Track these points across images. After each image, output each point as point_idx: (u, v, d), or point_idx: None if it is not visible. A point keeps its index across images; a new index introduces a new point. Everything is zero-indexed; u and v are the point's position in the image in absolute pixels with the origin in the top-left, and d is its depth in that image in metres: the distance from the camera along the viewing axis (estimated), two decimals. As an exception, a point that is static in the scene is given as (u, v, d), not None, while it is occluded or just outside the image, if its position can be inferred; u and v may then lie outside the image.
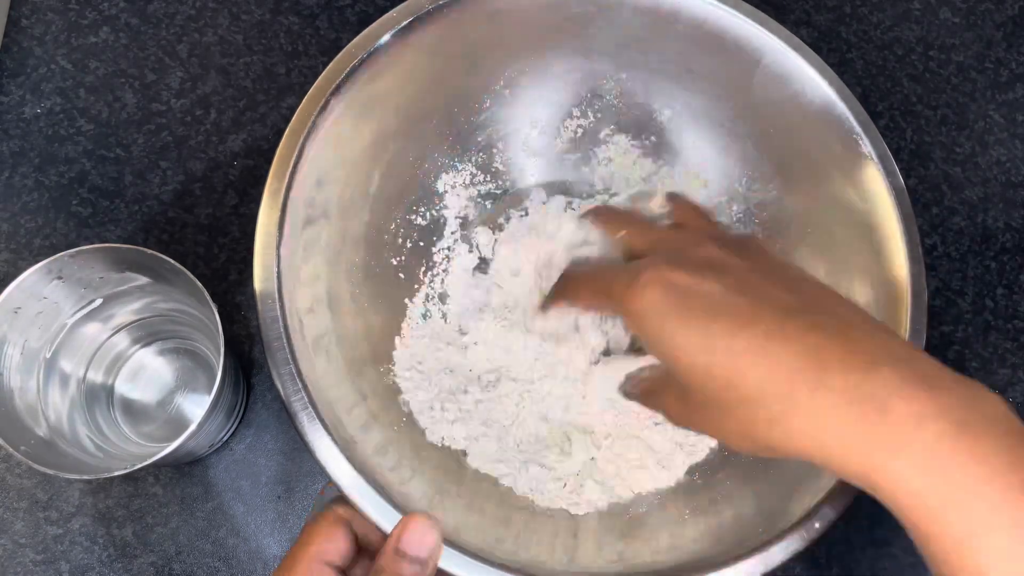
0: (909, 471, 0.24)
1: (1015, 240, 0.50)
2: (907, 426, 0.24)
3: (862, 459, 0.25)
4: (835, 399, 0.26)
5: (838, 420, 0.26)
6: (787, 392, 0.26)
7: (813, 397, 0.26)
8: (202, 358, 0.43)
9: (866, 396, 0.25)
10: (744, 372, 0.27)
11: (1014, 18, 0.55)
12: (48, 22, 0.49)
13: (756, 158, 0.44)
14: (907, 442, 0.24)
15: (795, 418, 0.26)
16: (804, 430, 0.26)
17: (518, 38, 0.43)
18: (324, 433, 0.34)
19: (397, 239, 0.44)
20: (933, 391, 0.25)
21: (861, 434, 0.25)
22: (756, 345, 0.27)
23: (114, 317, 0.40)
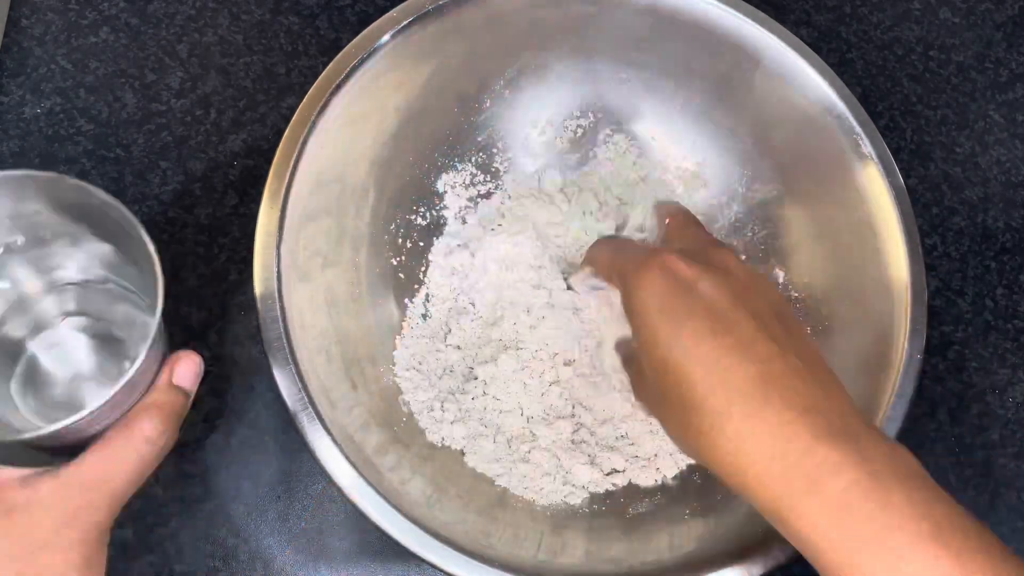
0: (821, 514, 0.25)
1: (1015, 240, 0.50)
2: (825, 471, 0.25)
3: (776, 496, 0.26)
4: (764, 430, 0.27)
5: (761, 451, 0.27)
6: (723, 411, 0.27)
7: (744, 423, 0.27)
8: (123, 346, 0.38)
9: (793, 436, 0.26)
10: (693, 378, 0.28)
11: (1014, 18, 0.55)
12: (48, 22, 0.49)
13: (756, 158, 0.44)
14: (822, 486, 0.25)
15: (722, 438, 0.27)
16: (728, 451, 0.27)
17: (518, 38, 0.43)
18: (324, 433, 0.34)
19: (397, 239, 0.44)
20: (856, 443, 0.26)
21: (779, 471, 0.26)
22: (713, 357, 0.28)
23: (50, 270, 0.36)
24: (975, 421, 0.47)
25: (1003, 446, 0.46)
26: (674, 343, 0.29)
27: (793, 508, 0.26)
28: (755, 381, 0.28)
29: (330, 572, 0.41)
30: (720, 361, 0.28)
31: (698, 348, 0.28)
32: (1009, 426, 0.47)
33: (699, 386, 0.28)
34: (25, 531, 0.26)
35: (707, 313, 0.29)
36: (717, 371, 0.28)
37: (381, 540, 0.41)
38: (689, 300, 0.29)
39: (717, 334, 0.28)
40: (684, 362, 0.28)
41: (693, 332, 0.29)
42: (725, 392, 0.28)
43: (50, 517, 0.27)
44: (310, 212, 0.38)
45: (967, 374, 0.47)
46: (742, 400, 0.27)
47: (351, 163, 0.41)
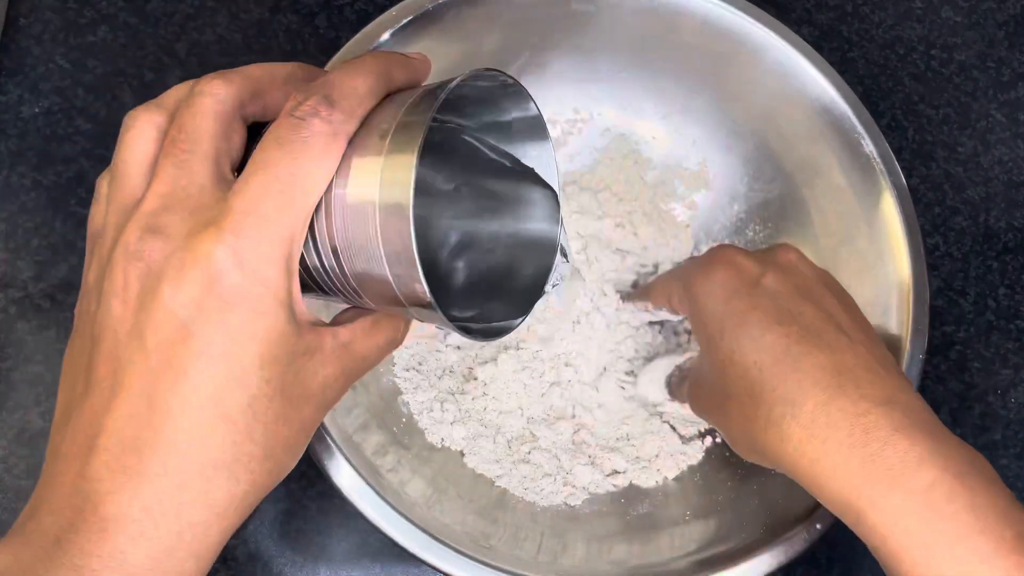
0: (902, 510, 0.24)
1: (1017, 240, 0.50)
2: (907, 465, 0.25)
3: (853, 487, 0.25)
4: (840, 419, 0.26)
5: (837, 440, 0.26)
6: (795, 398, 0.26)
7: (819, 410, 0.26)
8: None
9: (872, 427, 0.25)
10: (761, 366, 0.27)
11: (1016, 17, 0.55)
12: (46, 21, 0.49)
13: (757, 158, 0.44)
14: (905, 480, 0.24)
15: (795, 425, 0.26)
16: (801, 440, 0.26)
17: (518, 38, 0.43)
18: (324, 434, 0.34)
19: (397, 239, 0.44)
20: (936, 440, 0.25)
21: (858, 460, 0.25)
22: (783, 345, 0.27)
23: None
24: (977, 422, 0.47)
25: (1005, 447, 0.46)
26: (741, 333, 0.28)
27: (874, 502, 0.25)
28: (828, 370, 0.27)
29: (330, 572, 0.41)
30: (790, 349, 0.27)
31: (765, 337, 0.28)
32: (1011, 427, 0.47)
33: (768, 375, 0.27)
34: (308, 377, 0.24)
35: (773, 304, 0.29)
36: (787, 359, 0.27)
37: (381, 541, 0.41)
38: (754, 292, 0.29)
39: (784, 322, 0.28)
40: (751, 351, 0.28)
41: (759, 322, 0.28)
42: (797, 380, 0.27)
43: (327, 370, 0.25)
44: (309, 212, 0.38)
45: (969, 374, 0.47)
46: (816, 388, 0.26)
47: (350, 162, 0.40)
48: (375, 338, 0.26)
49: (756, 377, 0.27)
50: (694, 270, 0.32)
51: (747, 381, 0.28)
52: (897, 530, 0.24)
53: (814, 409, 0.26)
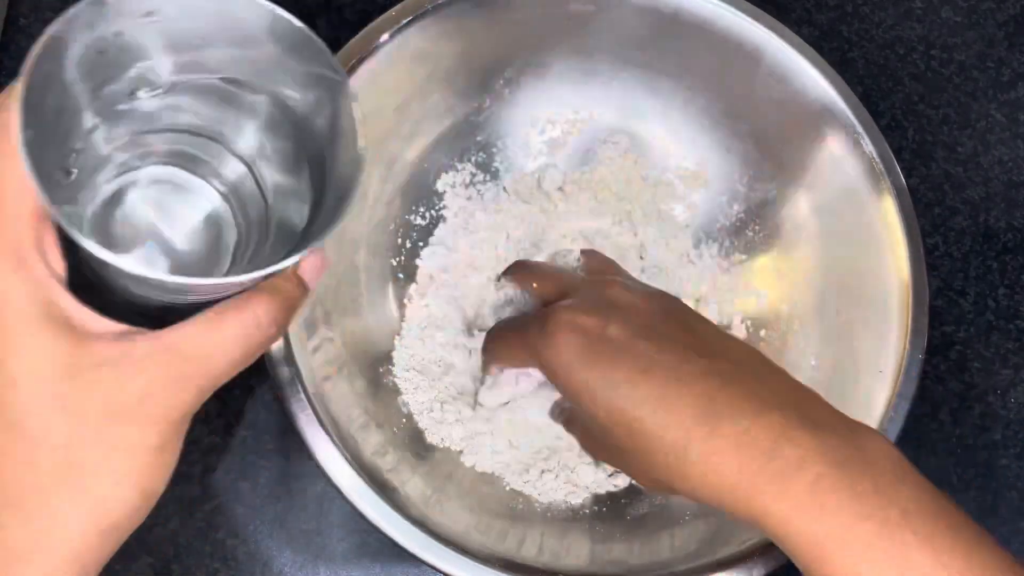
0: (792, 512, 0.25)
1: (1017, 240, 0.50)
2: (790, 469, 0.26)
3: (750, 502, 0.26)
4: (725, 445, 0.27)
5: (728, 466, 0.27)
6: (682, 440, 0.28)
7: (705, 444, 0.27)
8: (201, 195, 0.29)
9: (753, 441, 0.26)
10: (643, 421, 0.28)
11: (1016, 17, 0.55)
12: (47, 21, 0.49)
13: (757, 157, 0.44)
14: (790, 484, 0.25)
15: (688, 466, 0.28)
16: (698, 476, 0.27)
17: (518, 38, 0.43)
18: (324, 433, 0.34)
19: (396, 239, 0.44)
20: (817, 433, 0.26)
21: (748, 478, 0.26)
22: (655, 394, 0.28)
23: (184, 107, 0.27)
24: (977, 422, 0.47)
25: (1005, 447, 0.46)
26: (612, 394, 0.29)
27: (767, 512, 0.26)
28: (701, 402, 0.28)
29: (330, 572, 0.41)
30: (662, 395, 0.28)
31: (636, 392, 0.29)
32: (1011, 427, 0.47)
33: (651, 427, 0.28)
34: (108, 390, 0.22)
35: (628, 355, 0.29)
36: (663, 406, 0.28)
37: (381, 540, 0.41)
38: (607, 349, 0.30)
39: (646, 371, 0.29)
40: (630, 409, 0.29)
41: (625, 379, 0.29)
42: (678, 422, 0.28)
43: (138, 380, 0.22)
44: (309, 212, 0.38)
45: (969, 374, 0.47)
46: (696, 424, 0.27)
47: (350, 163, 0.41)
48: (217, 334, 0.23)
49: (640, 431, 0.28)
50: (539, 344, 0.31)
51: (634, 437, 0.29)
52: (792, 532, 0.26)
53: (701, 445, 0.27)
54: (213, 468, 0.42)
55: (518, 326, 0.36)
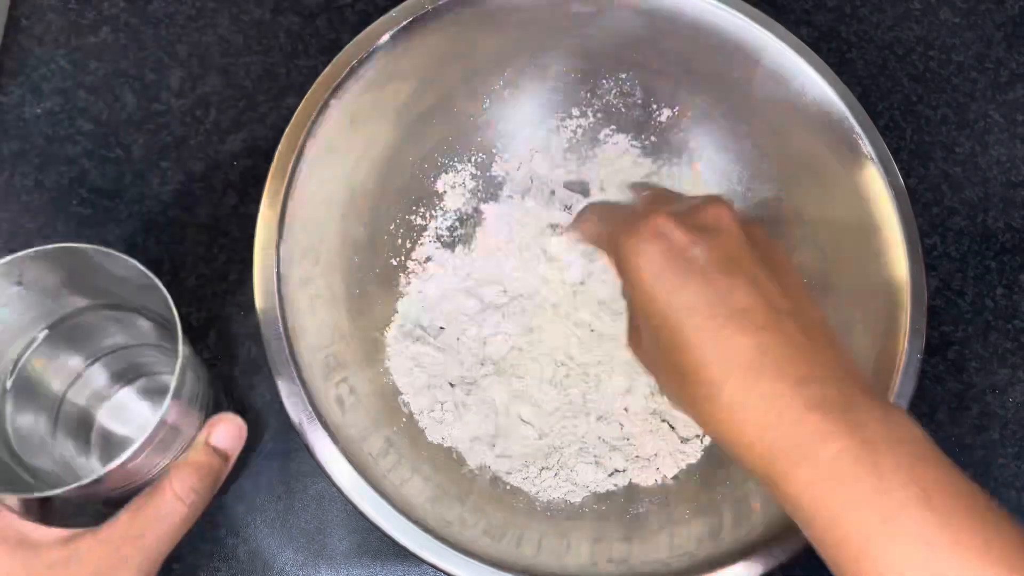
0: (810, 481, 0.26)
1: (1015, 240, 0.50)
2: (814, 439, 0.26)
3: (768, 463, 0.27)
4: (757, 402, 0.27)
5: (754, 421, 0.27)
6: (716, 382, 0.28)
7: (737, 395, 0.27)
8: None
9: (785, 408, 0.27)
10: (688, 347, 0.28)
11: (1014, 18, 0.55)
12: (48, 22, 0.49)
13: (756, 158, 0.44)
14: (812, 454, 0.26)
15: (715, 407, 0.28)
16: (723, 419, 0.28)
17: (518, 38, 0.43)
18: (324, 433, 0.34)
19: (396, 239, 0.44)
20: (849, 411, 0.26)
21: (771, 439, 0.26)
22: (709, 327, 0.28)
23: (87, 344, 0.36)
24: (975, 421, 0.47)
25: (1003, 446, 0.46)
26: (669, 312, 0.29)
27: (786, 475, 0.26)
28: (750, 352, 0.27)
29: (330, 572, 0.41)
30: (717, 332, 0.28)
31: (692, 318, 0.28)
32: (1009, 426, 0.47)
33: (694, 356, 0.28)
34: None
35: (702, 280, 0.29)
36: (712, 342, 0.28)
37: (381, 540, 0.41)
38: (684, 266, 0.29)
39: (712, 304, 0.28)
40: (680, 330, 0.28)
41: (688, 302, 0.28)
42: (719, 363, 0.28)
43: (85, 572, 0.29)
44: (310, 212, 0.38)
45: (967, 374, 0.47)
46: (736, 372, 0.27)
47: (351, 163, 0.41)
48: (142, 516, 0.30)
49: (682, 356, 0.28)
50: (623, 236, 0.31)
51: (675, 357, 0.29)
52: (805, 500, 0.26)
53: (733, 393, 0.27)
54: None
55: (611, 212, 0.35)
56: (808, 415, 0.26)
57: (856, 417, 0.26)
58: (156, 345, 0.37)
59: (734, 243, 0.30)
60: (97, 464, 0.38)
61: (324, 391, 0.36)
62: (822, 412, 0.26)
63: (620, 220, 0.32)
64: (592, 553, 0.37)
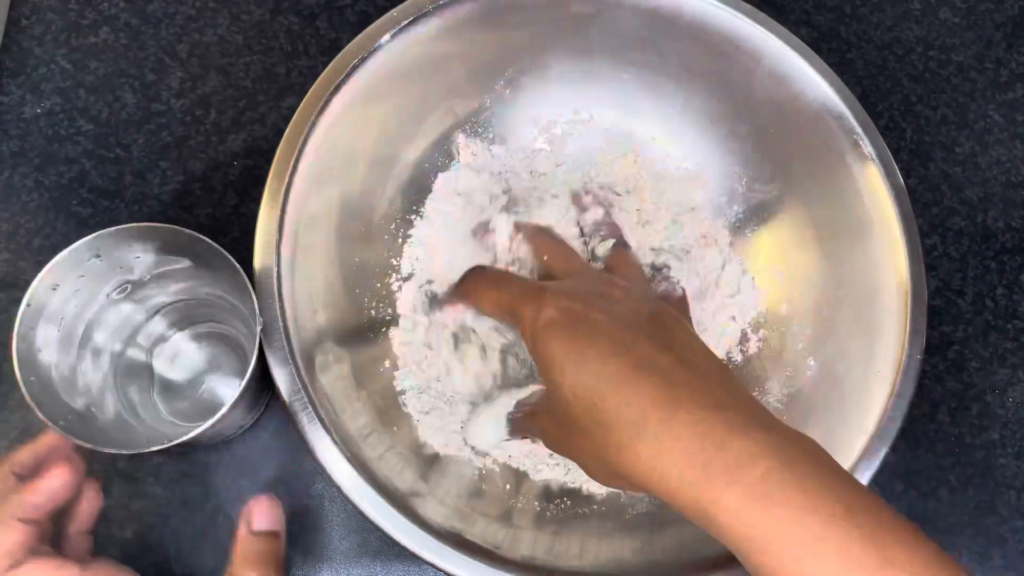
0: (741, 503, 0.26)
1: (1015, 240, 0.50)
2: (741, 461, 0.26)
3: (698, 491, 0.27)
4: (680, 432, 0.28)
5: (680, 452, 0.28)
6: (639, 421, 0.29)
7: (661, 426, 0.28)
8: (234, 342, 0.43)
9: (707, 432, 0.27)
10: (605, 397, 0.29)
11: (1014, 18, 0.55)
12: (48, 22, 0.49)
13: (756, 158, 0.44)
14: (740, 476, 0.26)
15: (642, 446, 0.28)
16: (649, 459, 0.28)
17: (518, 38, 0.43)
18: (324, 433, 0.34)
19: (397, 239, 0.44)
20: (768, 432, 0.27)
21: (699, 467, 0.27)
22: (621, 374, 0.30)
23: (152, 298, 0.41)
24: (975, 421, 0.47)
25: (1003, 446, 0.46)
26: (582, 370, 0.30)
27: (715, 501, 0.27)
28: (663, 388, 0.29)
29: (330, 572, 0.41)
30: (628, 376, 0.29)
31: (605, 369, 0.30)
32: (1009, 426, 0.47)
33: (612, 403, 0.29)
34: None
35: (605, 338, 0.31)
36: (626, 386, 0.29)
37: (381, 539, 0.41)
38: (587, 331, 0.31)
39: (619, 355, 0.30)
40: (595, 384, 0.30)
41: (597, 357, 0.30)
42: (638, 403, 0.29)
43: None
44: (310, 212, 0.38)
45: (967, 374, 0.47)
46: (655, 407, 0.28)
47: (351, 163, 0.41)
48: None
49: (602, 407, 0.29)
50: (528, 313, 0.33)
51: (594, 413, 0.30)
52: (739, 523, 0.26)
53: (657, 426, 0.28)
54: (214, 468, 0.42)
55: (512, 285, 0.37)
56: (732, 437, 0.27)
57: (775, 439, 0.27)
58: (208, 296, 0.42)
59: (623, 307, 0.33)
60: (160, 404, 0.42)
61: (324, 391, 0.36)
62: (744, 434, 0.27)
63: (519, 296, 0.35)
64: (591, 553, 0.37)
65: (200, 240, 0.35)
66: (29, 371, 0.33)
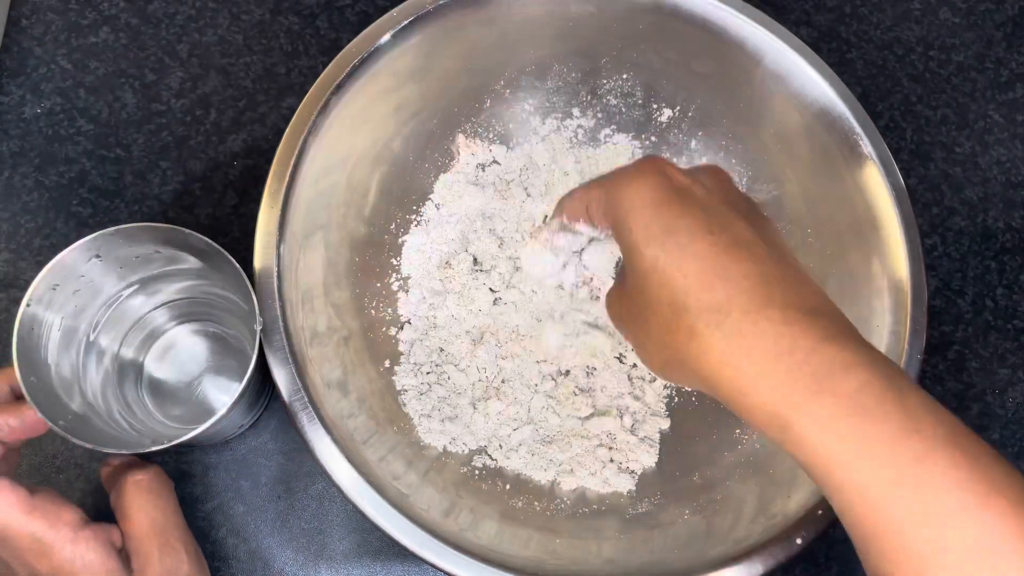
0: (831, 414, 0.23)
1: (1015, 240, 0.50)
2: (835, 370, 0.24)
3: (780, 396, 0.24)
4: (766, 329, 0.25)
5: (763, 350, 0.25)
6: (721, 307, 0.25)
7: (745, 319, 0.25)
8: (232, 343, 0.43)
9: (800, 334, 0.24)
10: (688, 275, 0.26)
11: (1014, 18, 0.55)
12: (48, 22, 0.49)
13: (756, 158, 0.44)
14: (834, 385, 0.23)
15: (718, 336, 0.25)
16: (723, 352, 0.25)
17: (518, 38, 0.43)
18: (324, 433, 0.34)
19: (397, 239, 0.44)
20: (865, 345, 0.25)
21: (784, 370, 0.24)
22: (712, 253, 0.26)
23: (156, 295, 0.41)
24: (975, 421, 0.47)
25: (1003, 446, 0.46)
26: (668, 240, 0.27)
27: (801, 408, 0.24)
28: (756, 278, 0.26)
29: (330, 572, 0.41)
30: (719, 257, 0.26)
31: (694, 244, 0.26)
32: (1009, 426, 0.47)
33: (694, 283, 0.26)
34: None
35: (703, 213, 0.27)
36: (715, 266, 0.26)
37: (381, 539, 0.41)
38: (684, 200, 0.28)
39: (714, 232, 0.27)
40: (679, 257, 0.26)
41: (688, 229, 0.27)
42: (724, 287, 0.25)
43: None
44: (310, 212, 0.38)
45: (967, 374, 0.47)
46: (743, 297, 0.25)
47: (351, 163, 0.41)
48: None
49: (681, 285, 0.26)
50: (621, 178, 0.30)
51: (671, 289, 0.26)
52: (827, 436, 0.23)
53: (740, 318, 0.25)
54: (214, 468, 0.42)
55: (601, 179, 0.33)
56: (826, 344, 0.24)
57: (872, 353, 0.24)
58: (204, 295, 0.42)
59: (732, 191, 0.29)
60: (150, 403, 0.42)
61: (324, 390, 0.36)
62: (840, 342, 0.24)
63: (613, 178, 0.31)
64: (592, 553, 0.37)
65: (200, 240, 0.35)
66: (29, 371, 0.33)
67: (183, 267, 0.38)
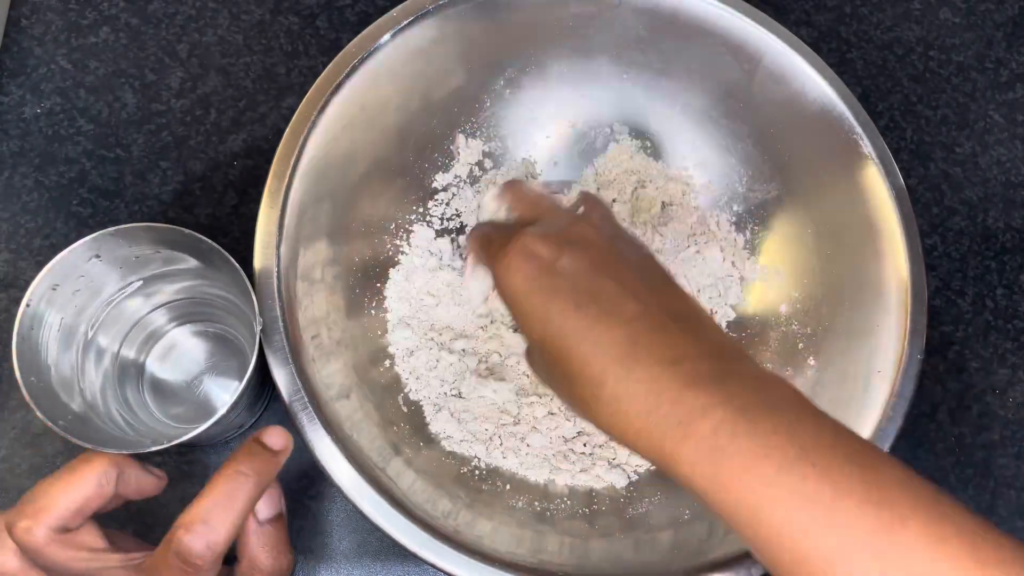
0: (695, 457, 0.26)
1: (1015, 240, 0.50)
2: (693, 415, 0.26)
3: (655, 448, 0.27)
4: (636, 389, 0.28)
5: (637, 408, 0.28)
6: (599, 378, 0.28)
7: (619, 386, 0.28)
8: (233, 344, 0.43)
9: (663, 389, 0.27)
10: (569, 352, 0.29)
11: (1014, 18, 0.55)
12: (48, 22, 0.49)
13: (756, 158, 0.44)
14: (692, 431, 0.26)
15: (601, 403, 0.28)
16: (610, 413, 0.28)
17: (518, 38, 0.43)
18: (324, 433, 0.34)
19: (396, 239, 0.44)
20: (725, 383, 0.27)
21: (655, 422, 0.27)
22: (584, 327, 0.29)
23: (155, 295, 0.41)
24: (975, 421, 0.47)
25: (1003, 446, 0.46)
26: (546, 322, 0.30)
27: (672, 455, 0.27)
28: (623, 343, 0.28)
29: (330, 572, 0.41)
30: (590, 330, 0.29)
31: (567, 323, 0.29)
32: (1009, 426, 0.47)
33: (575, 359, 0.29)
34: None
35: (570, 288, 0.30)
36: (588, 341, 0.29)
37: (381, 540, 0.41)
38: (551, 279, 0.30)
39: (581, 306, 0.29)
40: (559, 337, 0.29)
41: (560, 309, 0.30)
42: (598, 360, 0.28)
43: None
44: (310, 212, 0.38)
45: (967, 374, 0.47)
46: (614, 364, 0.28)
47: (351, 163, 0.41)
48: None
49: (566, 361, 0.29)
50: (497, 261, 0.32)
51: (560, 364, 0.30)
52: (696, 476, 0.26)
53: (614, 385, 0.28)
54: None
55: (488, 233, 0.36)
56: (685, 392, 0.27)
57: (730, 388, 0.27)
58: (203, 295, 0.42)
59: (598, 253, 0.31)
60: (151, 402, 0.42)
61: (324, 390, 0.36)
62: (697, 388, 0.27)
63: (494, 241, 0.34)
64: (592, 553, 0.37)
65: (200, 240, 0.35)
66: (29, 371, 0.33)
67: (183, 267, 0.38)
